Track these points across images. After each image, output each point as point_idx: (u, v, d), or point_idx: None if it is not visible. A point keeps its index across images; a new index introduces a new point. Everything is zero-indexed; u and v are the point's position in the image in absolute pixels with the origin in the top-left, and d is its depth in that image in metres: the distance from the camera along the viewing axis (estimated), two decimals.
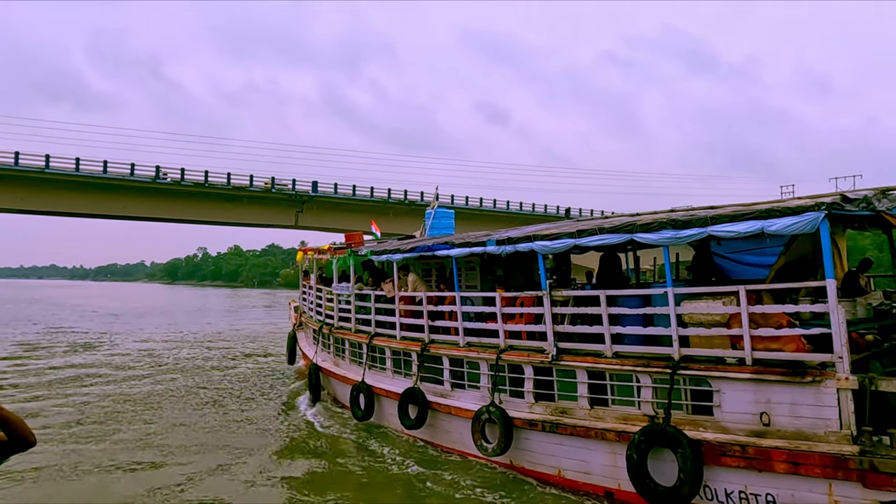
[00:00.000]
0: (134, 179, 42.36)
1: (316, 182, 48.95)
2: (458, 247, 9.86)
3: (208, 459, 9.71)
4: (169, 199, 44.72)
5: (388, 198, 51.42)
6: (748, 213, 6.67)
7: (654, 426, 7.08)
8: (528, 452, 8.69)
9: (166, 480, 8.79)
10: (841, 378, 6.04)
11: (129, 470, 9.29)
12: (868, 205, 6.56)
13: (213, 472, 9.16)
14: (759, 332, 6.61)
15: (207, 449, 10.31)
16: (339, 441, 10.89)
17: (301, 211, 48.39)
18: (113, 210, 43.66)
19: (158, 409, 13.40)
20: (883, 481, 5.74)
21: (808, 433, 6.25)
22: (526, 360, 8.78)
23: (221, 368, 19.29)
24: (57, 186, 40.56)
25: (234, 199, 46.26)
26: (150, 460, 9.70)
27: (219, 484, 8.62)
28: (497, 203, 57.72)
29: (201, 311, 51.64)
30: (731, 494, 6.71)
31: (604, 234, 7.86)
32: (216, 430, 11.50)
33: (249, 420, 12.38)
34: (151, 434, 11.24)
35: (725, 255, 9.97)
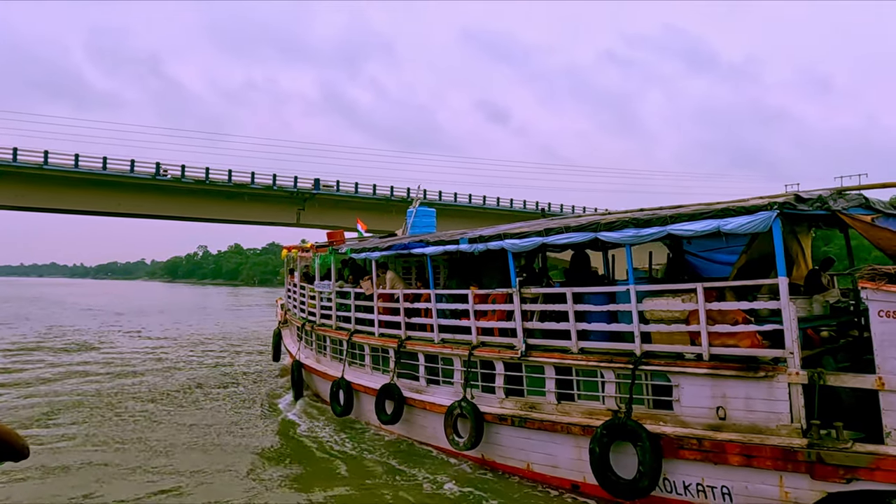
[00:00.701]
0: (134, 176, 41.94)
1: (318, 179, 48.46)
2: (432, 245, 10.01)
3: (182, 457, 9.78)
4: (169, 196, 44.29)
5: (390, 195, 50.94)
6: (705, 212, 6.84)
7: (616, 420, 7.24)
8: (499, 447, 8.85)
9: (139, 479, 8.89)
10: (792, 373, 6.21)
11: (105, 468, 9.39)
12: (822, 204, 6.71)
13: (186, 470, 9.23)
14: (715, 328, 6.78)
15: (183, 447, 10.39)
16: (315, 437, 11.01)
17: (303, 209, 47.98)
18: (112, 207, 43.28)
19: (141, 405, 13.52)
20: (829, 473, 5.91)
21: (761, 427, 6.42)
22: (497, 356, 8.93)
23: (210, 365, 19.41)
24: (56, 183, 40.15)
25: (236, 197, 45.88)
26: (116, 461, 9.65)
27: (189, 482, 8.68)
28: (500, 201, 57.41)
29: (203, 310, 51.12)
30: (689, 487, 6.88)
31: (570, 233, 8.02)
32: (193, 427, 11.57)
33: (227, 416, 12.49)
34: (126, 431, 11.34)
35: (698, 254, 10.08)
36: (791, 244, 8.50)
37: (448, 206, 52.45)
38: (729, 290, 7.25)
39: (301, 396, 13.87)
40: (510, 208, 57.40)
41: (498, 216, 52.48)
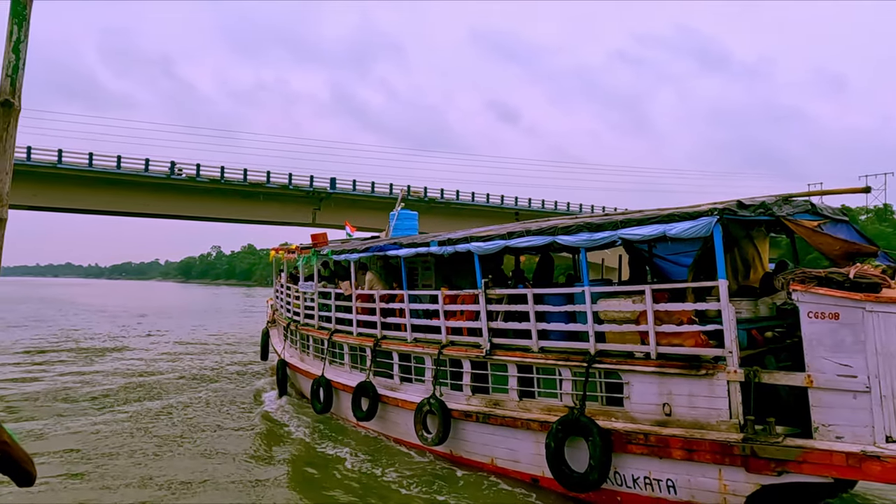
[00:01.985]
0: (148, 175, 41.56)
1: (334, 179, 48.11)
2: (405, 247, 10.35)
3: (164, 456, 10.09)
4: (184, 195, 43.88)
5: (407, 194, 50.13)
6: (652, 217, 7.16)
7: (570, 416, 7.55)
8: (465, 442, 9.16)
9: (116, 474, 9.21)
10: (730, 371, 6.52)
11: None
12: (766, 210, 7.02)
13: (165, 467, 9.56)
14: (662, 328, 7.09)
15: (165, 445, 10.73)
16: (295, 433, 11.34)
17: (318, 208, 47.49)
18: (126, 207, 43.03)
19: (126, 405, 13.87)
20: (762, 466, 6.22)
21: (702, 422, 6.73)
22: (464, 354, 9.25)
23: (205, 365, 19.76)
24: (69, 182, 39.84)
25: (251, 197, 45.49)
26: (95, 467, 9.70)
27: (167, 478, 8.95)
28: (513, 200, 57.15)
29: (217, 312, 50.42)
30: (638, 480, 7.19)
31: (530, 237, 8.35)
32: (177, 426, 11.88)
33: (210, 414, 12.81)
34: (107, 433, 11.65)
35: (665, 257, 10.43)
36: (747, 248, 8.80)
37: (465, 205, 52.90)
38: (690, 291, 7.56)
39: (285, 394, 14.21)
40: (527, 207, 57.15)
41: (506, 215, 52.45)
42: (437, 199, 51.86)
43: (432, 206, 50.98)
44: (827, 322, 5.95)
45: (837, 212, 8.20)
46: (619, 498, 7.40)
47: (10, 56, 1.95)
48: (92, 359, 20.97)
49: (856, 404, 5.79)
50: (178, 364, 19.81)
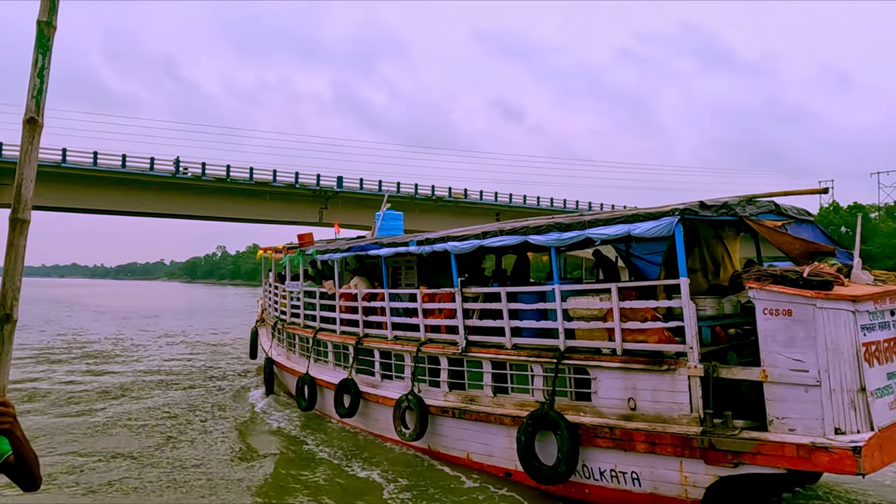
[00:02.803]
0: (153, 174, 41.08)
1: (341, 177, 47.70)
2: (385, 247, 10.55)
3: (145, 449, 10.27)
4: (189, 194, 43.46)
5: (414, 193, 50.18)
6: (618, 217, 7.37)
7: (540, 411, 7.76)
8: (442, 437, 9.37)
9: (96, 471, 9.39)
10: (691, 366, 6.72)
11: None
12: (729, 210, 7.23)
13: (146, 466, 9.74)
14: (627, 325, 7.30)
15: (147, 437, 10.93)
16: (279, 430, 11.53)
17: (325, 207, 46.87)
18: (132, 206, 42.65)
19: (113, 403, 14.06)
20: (720, 458, 6.42)
21: (665, 416, 6.93)
22: (441, 352, 9.46)
23: (197, 365, 19.95)
24: (74, 181, 39.46)
25: (257, 196, 45.09)
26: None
27: (146, 478, 9.06)
28: (521, 199, 57.06)
29: (223, 312, 49.94)
30: (604, 473, 7.40)
31: (503, 236, 8.55)
32: (161, 425, 12.03)
33: (197, 412, 12.99)
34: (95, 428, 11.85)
35: (643, 256, 10.67)
36: (716, 247, 9.02)
37: (474, 204, 52.72)
38: (661, 289, 7.77)
39: (272, 392, 14.40)
40: (536, 205, 57.02)
41: (514, 213, 52.00)
42: (444, 198, 51.52)
43: (440, 204, 50.66)
44: (781, 318, 6.15)
45: (803, 212, 8.42)
46: (587, 490, 7.61)
47: (35, 81, 2.14)
48: (105, 361, 20.87)
49: (807, 398, 5.99)
50: (173, 364, 19.98)
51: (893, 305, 6.54)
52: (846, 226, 62.61)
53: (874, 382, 6.02)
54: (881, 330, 6.31)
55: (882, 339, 6.29)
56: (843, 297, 5.99)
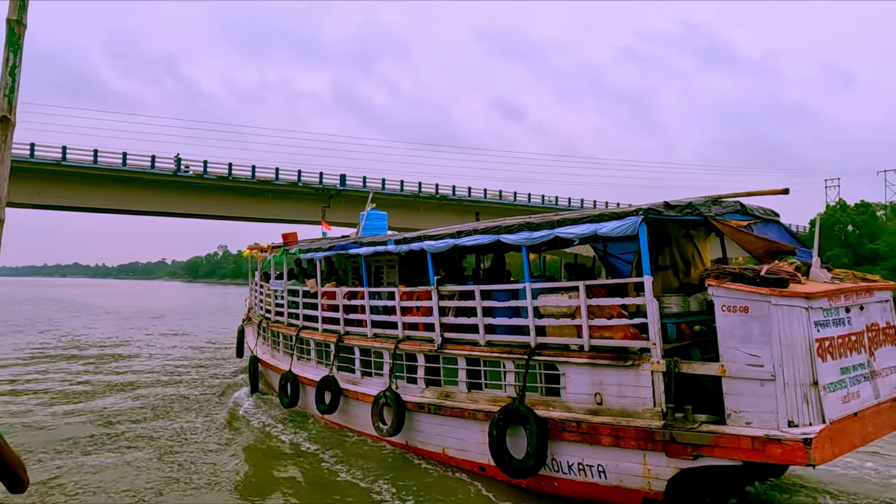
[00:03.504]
0: (155, 173, 40.59)
1: (344, 175, 47.11)
2: (365, 246, 10.72)
3: (128, 447, 10.40)
4: (191, 193, 42.94)
5: (418, 192, 49.65)
6: (585, 217, 7.56)
7: (511, 406, 7.94)
8: (419, 433, 9.53)
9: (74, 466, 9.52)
10: (654, 362, 6.91)
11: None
12: (693, 210, 7.42)
13: (127, 457, 9.89)
14: (594, 322, 7.48)
15: (129, 434, 11.06)
16: (261, 427, 11.67)
17: (328, 206, 46.16)
18: (132, 205, 42.19)
19: (97, 399, 14.18)
20: (680, 450, 6.61)
21: (629, 410, 7.12)
22: (418, 349, 9.63)
23: (187, 362, 20.07)
24: (74, 180, 38.93)
25: (259, 194, 44.53)
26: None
27: (127, 477, 9.21)
28: (525, 197, 56.83)
29: (226, 311, 48.84)
30: (572, 466, 7.58)
31: (477, 235, 8.73)
32: (144, 423, 12.15)
33: (183, 409, 13.12)
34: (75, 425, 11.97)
35: (619, 256, 10.86)
36: (686, 247, 9.20)
37: (477, 202, 52.50)
38: (633, 286, 7.95)
39: (257, 390, 14.54)
40: (541, 203, 56.77)
41: (517, 211, 51.59)
42: (448, 196, 51.21)
43: (444, 203, 50.32)
44: (738, 315, 6.35)
45: (769, 212, 8.62)
46: (556, 484, 7.79)
47: (6, 79, 2.19)
48: (104, 361, 20.82)
49: (763, 392, 6.18)
50: (167, 363, 20.11)
51: (848, 303, 6.74)
52: (853, 224, 62.22)
53: (827, 377, 6.21)
54: (835, 326, 6.51)
55: (836, 335, 6.48)
56: (797, 295, 6.18)
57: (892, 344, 7.38)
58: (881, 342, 7.19)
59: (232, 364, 19.25)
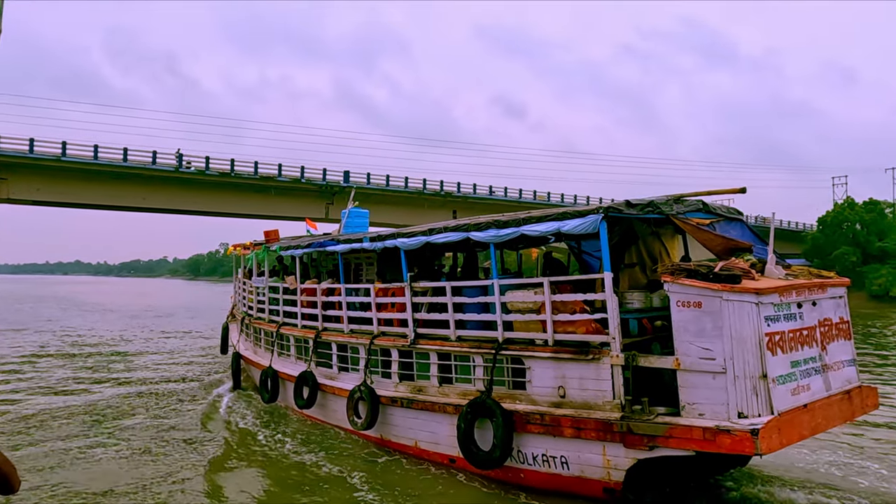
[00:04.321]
0: (156, 168, 39.96)
1: (347, 172, 46.51)
2: (341, 243, 10.90)
3: (102, 443, 10.52)
4: (193, 189, 42.41)
5: (423, 189, 49.06)
6: (549, 216, 7.76)
7: (478, 399, 8.13)
8: (393, 426, 9.72)
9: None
10: (613, 356, 7.12)
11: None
12: (654, 208, 7.63)
13: (109, 451, 10.04)
14: (558, 317, 7.68)
15: (114, 431, 11.21)
16: (240, 422, 11.82)
17: (331, 203, 45.10)
18: (133, 202, 41.51)
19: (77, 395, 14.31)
20: (637, 441, 6.82)
21: (591, 403, 7.33)
22: (392, 344, 9.81)
23: (172, 360, 20.20)
24: (74, 176, 38.36)
25: (262, 191, 43.89)
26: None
27: (108, 465, 9.38)
28: (531, 194, 56.45)
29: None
30: (537, 457, 7.78)
31: (447, 233, 8.92)
32: (123, 418, 12.28)
33: (160, 406, 13.25)
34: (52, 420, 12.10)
35: (592, 253, 11.07)
36: (653, 244, 9.42)
37: (482, 199, 52.07)
38: (599, 283, 8.15)
39: (239, 386, 14.69)
40: (546, 200, 56.55)
41: (522, 209, 51.17)
42: (453, 194, 50.91)
43: (448, 200, 49.91)
44: (692, 310, 6.56)
45: (732, 211, 8.84)
46: (522, 475, 7.99)
47: None
48: (104, 360, 20.89)
49: (714, 384, 6.40)
50: (160, 359, 20.24)
51: (800, 298, 6.97)
52: (862, 222, 62.17)
53: (776, 370, 6.44)
54: (786, 321, 6.73)
55: (787, 329, 6.71)
56: (748, 290, 6.40)
57: (844, 339, 7.62)
58: (834, 337, 7.42)
59: (219, 360, 19.39)
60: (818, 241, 65.37)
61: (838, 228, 63.32)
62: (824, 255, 63.77)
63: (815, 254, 66.28)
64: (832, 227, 64.57)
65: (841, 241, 62.28)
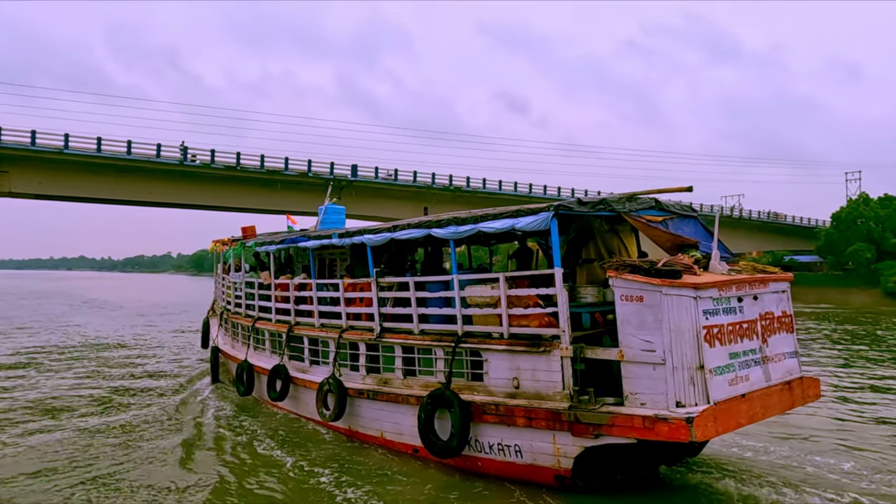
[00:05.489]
0: (160, 162, 39.50)
1: (355, 166, 46.01)
2: (312, 239, 11.15)
3: (85, 433, 10.77)
4: (197, 183, 41.93)
5: (431, 183, 48.89)
6: (504, 213, 8.02)
7: (438, 391, 8.41)
8: (360, 418, 9.99)
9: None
10: (563, 348, 7.40)
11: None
12: (606, 206, 7.91)
13: (86, 444, 10.27)
14: (513, 311, 7.96)
15: (87, 417, 11.45)
16: (214, 415, 12.05)
17: (339, 197, 45.47)
18: (137, 195, 41.02)
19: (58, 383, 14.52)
20: (583, 430, 7.12)
21: (542, 394, 7.61)
22: (360, 338, 10.07)
23: (155, 356, 20.42)
24: (77, 169, 37.91)
25: (268, 185, 43.39)
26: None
27: (82, 454, 9.60)
28: (541, 189, 55.84)
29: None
30: (493, 446, 8.07)
31: (410, 230, 9.18)
32: (95, 413, 12.47)
33: (135, 401, 13.47)
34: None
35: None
36: (612, 241, 9.67)
37: (493, 194, 51.72)
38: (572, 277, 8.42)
39: (217, 380, 14.93)
40: (556, 195, 56.00)
41: (526, 202, 50.43)
42: (462, 188, 50.52)
43: (457, 195, 49.60)
44: (634, 304, 6.85)
45: (686, 208, 9.14)
46: (479, 463, 8.28)
47: None
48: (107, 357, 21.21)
49: (654, 375, 6.70)
50: (153, 354, 20.44)
51: (741, 293, 7.27)
52: (876, 219, 61.56)
53: (714, 361, 6.73)
54: (726, 315, 7.03)
55: (726, 322, 7.00)
56: (686, 285, 6.69)
57: (787, 331, 7.93)
58: (776, 329, 7.73)
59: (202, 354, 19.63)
60: (832, 238, 64.69)
61: (853, 224, 62.21)
62: (838, 252, 63.45)
63: (829, 250, 65.85)
64: (846, 223, 63.61)
65: (855, 237, 61.34)
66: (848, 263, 64.05)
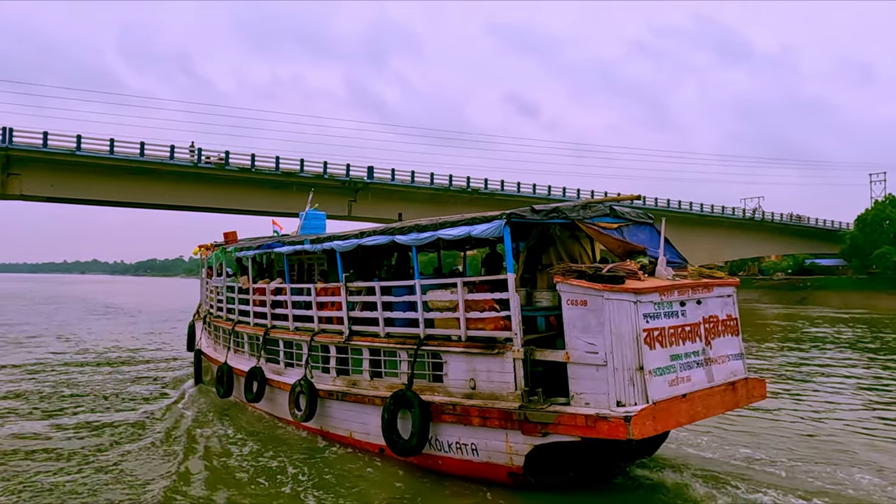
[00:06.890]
0: (173, 163, 38.67)
1: (371, 168, 45.16)
2: (287, 245, 11.49)
3: (63, 434, 11.09)
4: (211, 185, 41.10)
5: (448, 185, 48.21)
6: (461, 220, 8.36)
7: (400, 392, 8.74)
8: (330, 418, 10.31)
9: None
10: (515, 350, 7.72)
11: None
12: (559, 214, 8.24)
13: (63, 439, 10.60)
14: (470, 314, 8.29)
15: (70, 415, 11.77)
16: (193, 416, 12.38)
17: (354, 200, 44.36)
18: (150, 198, 40.24)
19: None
20: (532, 429, 7.44)
21: (497, 394, 7.94)
22: (330, 340, 10.40)
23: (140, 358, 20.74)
24: (89, 171, 37.15)
25: (283, 187, 42.10)
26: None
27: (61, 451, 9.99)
28: (560, 191, 54.27)
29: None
30: (451, 445, 8.40)
31: (376, 236, 9.52)
32: (93, 410, 12.86)
33: (125, 399, 13.84)
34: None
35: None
36: (572, 246, 9.99)
37: (511, 196, 50.81)
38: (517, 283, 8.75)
39: (200, 382, 15.26)
40: (574, 197, 54.27)
41: (531, 203, 49.36)
42: (480, 190, 49.93)
43: (475, 197, 49.08)
44: (579, 308, 7.18)
45: (641, 215, 9.46)
46: (439, 462, 8.60)
47: None
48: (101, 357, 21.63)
49: (597, 376, 7.03)
50: (149, 355, 20.76)
51: (683, 297, 7.60)
52: None
53: (654, 363, 7.06)
54: (667, 318, 7.36)
55: (667, 325, 7.33)
56: (627, 290, 7.02)
57: (732, 334, 8.25)
58: (720, 332, 8.06)
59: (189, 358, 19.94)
60: (857, 241, 63.16)
61: (879, 226, 60.67)
62: (864, 255, 61.58)
63: (854, 253, 63.84)
64: (872, 225, 62.05)
65: (882, 240, 59.73)
66: (873, 267, 62.14)
